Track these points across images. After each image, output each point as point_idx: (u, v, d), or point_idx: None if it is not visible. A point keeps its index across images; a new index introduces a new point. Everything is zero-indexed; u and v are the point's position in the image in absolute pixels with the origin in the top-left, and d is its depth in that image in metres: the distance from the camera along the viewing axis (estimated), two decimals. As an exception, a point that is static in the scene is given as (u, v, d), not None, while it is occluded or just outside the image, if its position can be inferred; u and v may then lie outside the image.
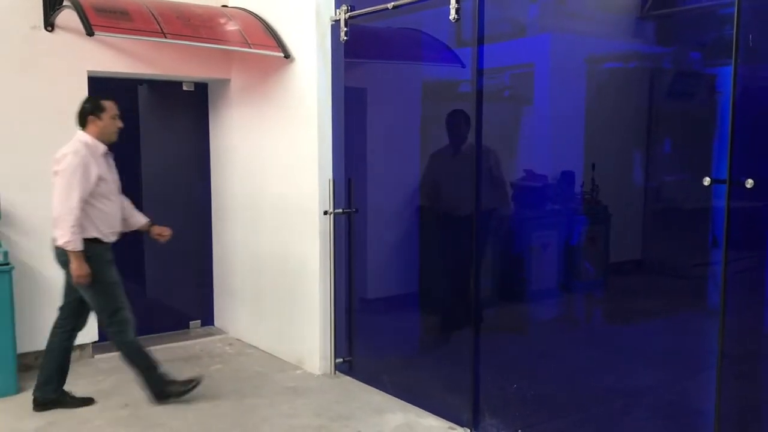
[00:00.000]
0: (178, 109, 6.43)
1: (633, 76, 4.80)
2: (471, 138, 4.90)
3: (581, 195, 4.81)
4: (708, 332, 3.60)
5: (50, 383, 4.67)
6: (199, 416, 4.59)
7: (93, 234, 4.44)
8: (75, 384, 5.12)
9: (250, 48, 5.23)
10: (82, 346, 5.68)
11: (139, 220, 4.93)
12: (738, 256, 3.62)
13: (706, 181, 3.29)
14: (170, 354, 5.84)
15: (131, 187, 6.22)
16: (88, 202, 4.37)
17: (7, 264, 4.81)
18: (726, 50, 3.36)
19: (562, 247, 5.13)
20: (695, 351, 4.02)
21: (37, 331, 5.37)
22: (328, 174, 5.17)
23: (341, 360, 5.29)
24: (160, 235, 4.95)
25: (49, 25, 5.25)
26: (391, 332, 5.39)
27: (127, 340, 4.62)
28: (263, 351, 5.92)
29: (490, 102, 4.82)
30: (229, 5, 6.02)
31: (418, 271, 5.38)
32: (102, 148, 4.48)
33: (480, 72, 4.20)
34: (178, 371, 5.38)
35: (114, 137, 4.58)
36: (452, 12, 4.13)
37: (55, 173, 4.37)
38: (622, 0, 4.65)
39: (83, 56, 5.41)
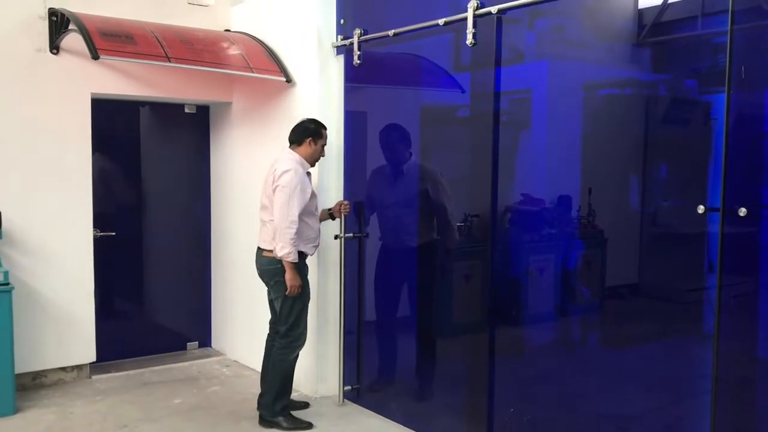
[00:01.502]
0: (179, 131, 6.50)
1: (629, 103, 4.88)
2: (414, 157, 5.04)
3: (578, 219, 4.86)
4: (703, 357, 3.64)
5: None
6: (196, 438, 4.60)
7: (300, 247, 4.63)
8: (72, 404, 5.13)
9: (252, 72, 5.30)
10: (80, 367, 5.69)
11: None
12: (732, 281, 3.66)
13: (701, 209, 3.34)
14: (168, 375, 5.85)
15: (132, 207, 6.30)
16: (300, 219, 4.58)
17: (8, 284, 4.84)
18: (720, 78, 3.44)
19: (559, 271, 5.18)
20: (690, 375, 4.05)
21: (35, 351, 5.39)
22: (329, 197, 5.22)
23: (350, 388, 5.22)
24: (339, 212, 5.02)
25: (55, 47, 5.32)
26: (398, 357, 5.35)
27: (286, 358, 4.73)
28: (259, 373, 5.90)
29: (487, 127, 4.91)
30: (232, 30, 6.10)
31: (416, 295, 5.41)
32: (307, 166, 4.72)
33: (497, 95, 4.24)
34: (174, 393, 5.40)
35: (315, 164, 4.85)
36: (469, 37, 4.07)
37: (275, 189, 4.57)
38: (618, 27, 4.74)
39: (87, 79, 5.48)
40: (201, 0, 6.11)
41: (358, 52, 4.95)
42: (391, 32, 4.69)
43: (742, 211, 3.17)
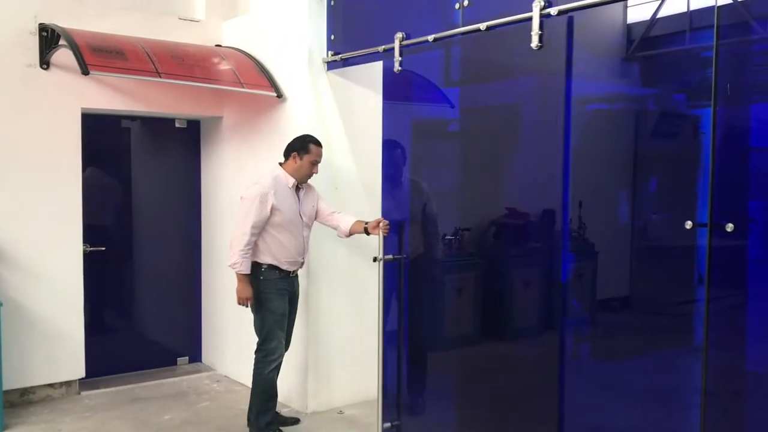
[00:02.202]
0: (170, 146, 6.50)
1: (619, 117, 4.91)
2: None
3: (569, 233, 4.87)
4: (693, 370, 3.66)
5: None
6: (186, 454, 4.57)
7: (268, 260, 4.66)
8: (61, 421, 5.10)
9: (243, 88, 5.32)
10: (68, 383, 5.65)
11: (348, 224, 4.87)
12: (721, 294, 3.69)
13: (688, 224, 3.37)
14: (158, 391, 5.82)
15: (123, 222, 6.28)
16: (266, 231, 4.62)
17: (-4, 300, 4.81)
18: (708, 92, 3.48)
19: (549, 285, 5.18)
20: (681, 388, 4.06)
21: (23, 367, 5.35)
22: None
23: (389, 425, 4.82)
24: (376, 228, 4.73)
25: (45, 63, 5.33)
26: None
27: (262, 372, 4.72)
28: (249, 388, 5.88)
29: (477, 140, 4.93)
30: (223, 45, 6.12)
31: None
32: (291, 181, 4.71)
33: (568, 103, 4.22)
34: (164, 409, 5.37)
35: (305, 180, 4.80)
36: (535, 39, 3.80)
37: (240, 199, 4.69)
38: (607, 42, 4.77)
39: (77, 94, 5.48)
40: (192, 15, 6.14)
41: (400, 59, 4.61)
42: (430, 37, 4.38)
43: (729, 227, 3.19)
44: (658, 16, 4.53)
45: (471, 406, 4.76)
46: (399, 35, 4.49)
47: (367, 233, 4.80)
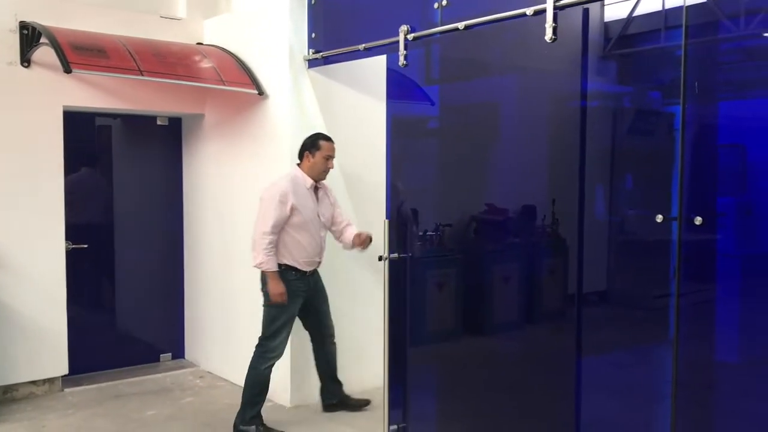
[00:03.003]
0: (152, 143, 6.52)
1: (595, 114, 4.99)
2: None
3: (544, 228, 4.96)
4: (666, 362, 3.76)
5: (327, 390, 5.17)
6: (170, 449, 4.62)
7: (286, 261, 4.75)
8: (44, 418, 5.12)
9: (225, 85, 5.36)
10: (51, 380, 5.67)
11: (350, 236, 5.01)
12: (693, 287, 3.80)
13: (659, 218, 3.47)
14: (141, 387, 5.86)
15: (105, 219, 6.30)
16: (285, 231, 4.69)
17: (-21, 297, 4.83)
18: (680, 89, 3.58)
19: (525, 280, 5.25)
20: (654, 380, 4.16)
21: (5, 365, 5.37)
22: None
23: (395, 427, 4.71)
24: (361, 244, 4.98)
25: (26, 61, 5.33)
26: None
27: (257, 367, 4.82)
28: (234, 384, 5.94)
29: (457, 138, 4.99)
30: (204, 43, 6.15)
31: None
32: (309, 182, 4.80)
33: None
34: (148, 405, 5.41)
35: (323, 176, 4.89)
36: (549, 31, 3.82)
37: (260, 200, 4.75)
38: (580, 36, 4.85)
39: (59, 92, 5.49)
40: (173, 13, 6.17)
41: (404, 52, 4.56)
42: (461, 24, 4.17)
43: (698, 220, 3.30)
44: (634, 15, 4.62)
45: (474, 405, 4.82)
46: (404, 28, 4.48)
47: (352, 246, 5.00)
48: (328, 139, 4.88)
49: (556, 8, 3.76)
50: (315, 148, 4.81)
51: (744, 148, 3.93)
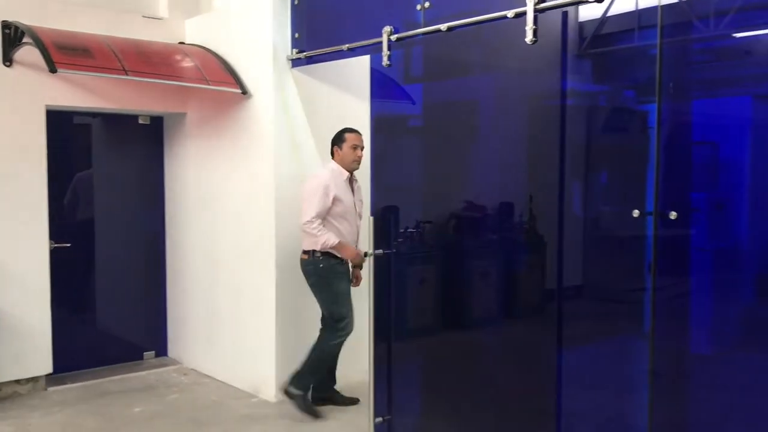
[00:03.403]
0: (133, 142, 6.54)
1: (571, 112, 5.11)
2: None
3: (522, 225, 5.07)
4: (642, 354, 3.90)
5: (321, 383, 5.28)
6: (157, 444, 4.67)
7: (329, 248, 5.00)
8: (30, 416, 5.14)
9: (209, 85, 5.41)
10: (35, 379, 5.68)
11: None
12: (667, 281, 3.93)
13: (635, 213, 3.60)
14: (126, 385, 5.89)
15: (87, 218, 6.31)
16: (326, 220, 4.99)
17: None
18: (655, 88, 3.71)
19: (504, 275, 5.36)
20: (631, 371, 4.29)
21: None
22: (288, 209, 5.35)
23: (380, 420, 4.80)
24: (356, 279, 5.32)
25: (8, 60, 5.34)
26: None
27: (328, 341, 5.07)
28: (218, 380, 6.00)
29: (438, 137, 5.09)
30: (186, 42, 6.19)
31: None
32: (345, 174, 5.10)
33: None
34: (133, 402, 5.45)
35: (355, 165, 5.15)
36: (529, 34, 3.93)
37: (304, 193, 5.05)
38: (560, 39, 4.96)
39: (42, 91, 5.50)
40: (155, 13, 6.19)
41: (388, 53, 4.64)
42: (444, 26, 4.24)
43: (673, 215, 3.43)
44: (609, 14, 4.75)
45: (456, 399, 4.91)
46: (387, 29, 4.59)
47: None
48: (352, 130, 5.13)
49: (536, 11, 3.85)
50: (341, 141, 5.09)
51: (716, 145, 4.08)
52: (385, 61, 4.59)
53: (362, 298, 5.56)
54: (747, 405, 3.68)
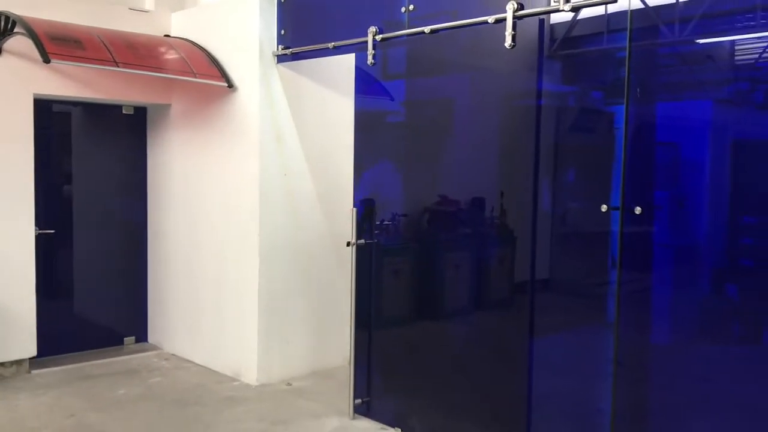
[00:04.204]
0: (117, 132, 6.66)
1: (541, 112, 5.33)
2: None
3: (492, 220, 5.29)
4: (607, 343, 4.17)
5: None
6: (144, 423, 4.84)
7: None
8: (16, 398, 5.27)
9: (196, 77, 5.56)
10: (19, 362, 5.80)
11: None
12: (632, 275, 4.21)
13: (603, 207, 3.87)
14: (108, 368, 6.03)
15: (71, 206, 6.41)
16: None
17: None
18: (622, 90, 3.96)
19: (476, 268, 5.57)
20: (596, 360, 4.55)
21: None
22: (272, 199, 5.55)
23: (360, 401, 5.06)
24: None
25: (-3, 49, 5.44)
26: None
27: None
28: (199, 365, 6.18)
29: (416, 133, 5.29)
30: (172, 35, 6.32)
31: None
32: None
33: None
34: (117, 384, 5.60)
35: None
36: (508, 39, 4.16)
37: None
38: (531, 41, 5.18)
39: (30, 80, 5.61)
40: (141, 6, 6.32)
41: (373, 52, 4.83)
42: (427, 28, 4.44)
43: (638, 210, 3.71)
44: (579, 17, 4.98)
45: (418, 378, 5.15)
46: (372, 29, 4.77)
47: None
48: None
49: (515, 18, 4.09)
50: None
51: (678, 146, 4.35)
52: (369, 60, 4.80)
53: (331, 287, 5.80)
54: (707, 391, 3.97)
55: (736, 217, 4.03)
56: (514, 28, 4.14)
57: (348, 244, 4.96)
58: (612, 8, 4.18)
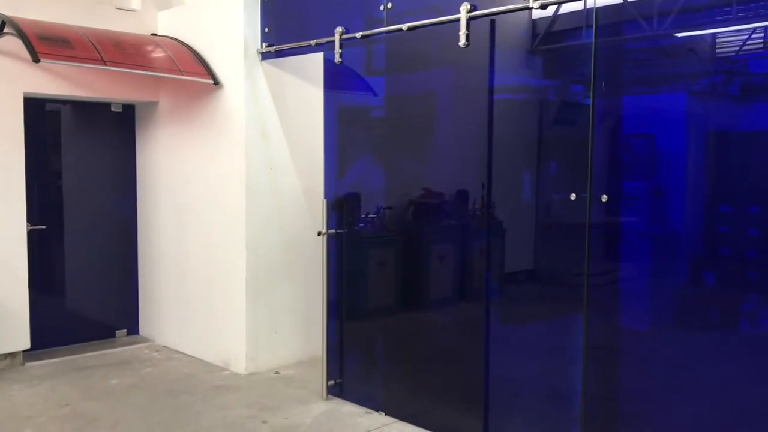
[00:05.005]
0: (106, 129, 6.79)
1: (524, 105, 5.48)
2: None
3: (477, 212, 5.44)
4: (581, 330, 4.33)
5: None
6: (137, 411, 4.99)
7: None
8: (10, 389, 5.41)
9: (183, 75, 5.70)
10: (13, 355, 5.94)
11: None
12: (605, 263, 4.37)
13: (573, 196, 4.03)
14: (101, 360, 6.18)
15: (62, 202, 6.54)
16: None
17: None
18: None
19: (462, 259, 5.72)
20: (573, 346, 4.72)
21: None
22: (258, 193, 5.70)
23: (333, 382, 5.32)
24: None
25: (-14, 49, 5.56)
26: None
27: None
28: (190, 356, 6.33)
29: (401, 128, 5.44)
30: (159, 34, 6.45)
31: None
32: None
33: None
34: (109, 375, 5.75)
35: None
36: (462, 38, 4.39)
37: None
38: (514, 36, 5.33)
39: (20, 79, 5.73)
40: (128, 5, 6.44)
41: (340, 50, 5.04)
42: (405, 26, 4.63)
43: (604, 198, 3.88)
44: (559, 12, 5.13)
45: (400, 363, 5.32)
46: (339, 30, 4.97)
47: None
48: None
49: (469, 18, 4.34)
50: None
51: (654, 138, 4.51)
52: (336, 59, 4.97)
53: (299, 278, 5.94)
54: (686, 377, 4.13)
55: (713, 206, 4.17)
56: (467, 27, 4.33)
57: (319, 233, 5.20)
58: (591, 3, 4.28)
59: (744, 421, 3.84)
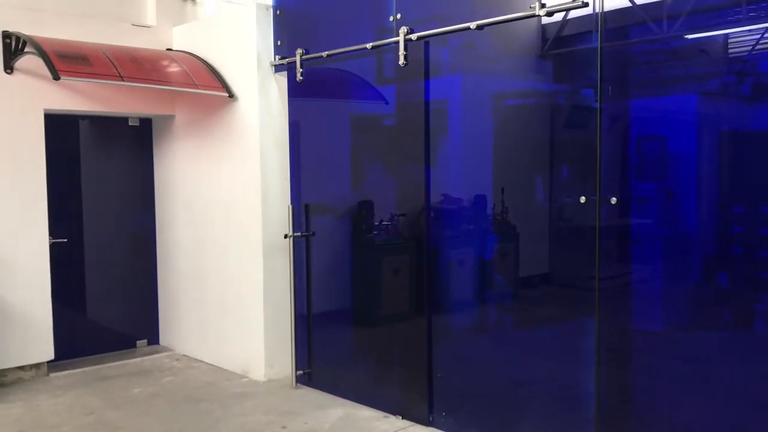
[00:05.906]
0: (124, 143, 6.94)
1: (535, 110, 5.52)
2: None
3: (492, 216, 5.49)
4: (593, 333, 4.37)
5: None
6: (159, 419, 5.10)
7: None
8: (36, 398, 5.54)
9: (198, 89, 5.83)
10: (38, 365, 6.07)
11: None
12: (616, 265, 4.40)
13: (582, 199, 4.09)
14: (122, 370, 6.30)
15: (83, 216, 6.68)
16: None
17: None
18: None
19: (477, 263, 5.77)
20: (587, 348, 4.76)
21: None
22: (272, 201, 5.82)
23: (301, 372, 5.78)
24: None
25: (9, 68, 5.71)
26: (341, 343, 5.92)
27: None
28: (209, 364, 6.44)
29: (410, 134, 5.51)
30: (174, 49, 6.59)
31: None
32: None
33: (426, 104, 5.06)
34: (131, 384, 5.87)
35: None
36: (401, 59, 4.81)
37: None
38: (524, 41, 5.37)
39: (40, 96, 5.89)
40: (144, 21, 6.59)
41: (301, 69, 5.48)
42: (414, 36, 4.78)
43: (613, 200, 3.93)
44: (569, 17, 5.18)
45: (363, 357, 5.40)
46: (299, 51, 5.46)
47: None
48: None
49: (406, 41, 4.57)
50: None
51: (665, 139, 4.54)
52: (298, 77, 5.43)
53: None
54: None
55: (725, 206, 4.19)
56: (405, 48, 4.75)
57: (285, 236, 5.58)
58: (600, 7, 4.31)
59: (758, 422, 3.85)
